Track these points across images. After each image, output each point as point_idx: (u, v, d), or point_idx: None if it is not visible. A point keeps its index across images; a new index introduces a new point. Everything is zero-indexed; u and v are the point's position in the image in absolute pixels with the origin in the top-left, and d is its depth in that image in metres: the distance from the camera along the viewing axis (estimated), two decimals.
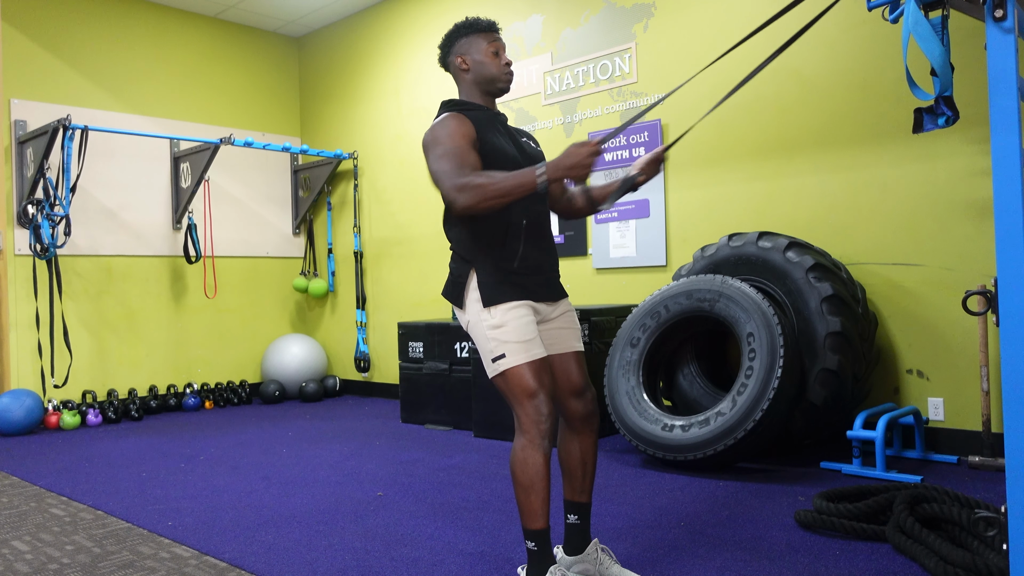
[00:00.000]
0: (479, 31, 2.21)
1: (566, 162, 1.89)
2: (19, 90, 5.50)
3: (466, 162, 1.99)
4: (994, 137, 1.68)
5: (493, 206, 1.93)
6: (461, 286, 2.13)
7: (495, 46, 2.21)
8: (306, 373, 6.43)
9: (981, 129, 3.45)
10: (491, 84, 2.20)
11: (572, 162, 1.89)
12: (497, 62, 2.20)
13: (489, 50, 2.20)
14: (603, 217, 4.90)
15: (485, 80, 2.20)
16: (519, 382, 2.03)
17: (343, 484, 3.51)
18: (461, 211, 1.95)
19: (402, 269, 6.25)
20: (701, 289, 3.62)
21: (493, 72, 2.19)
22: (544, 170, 1.89)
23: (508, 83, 2.23)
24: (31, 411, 5.04)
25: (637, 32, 4.75)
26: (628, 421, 3.65)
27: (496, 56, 2.20)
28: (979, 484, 3.12)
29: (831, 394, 3.42)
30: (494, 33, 2.23)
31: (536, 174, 1.89)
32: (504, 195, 1.91)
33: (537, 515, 2.02)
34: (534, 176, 1.89)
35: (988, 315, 3.27)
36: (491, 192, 1.90)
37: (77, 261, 5.69)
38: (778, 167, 4.19)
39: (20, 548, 2.74)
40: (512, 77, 2.24)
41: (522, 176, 1.90)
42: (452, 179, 1.95)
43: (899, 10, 2.02)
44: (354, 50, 6.63)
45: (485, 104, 2.22)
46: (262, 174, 6.80)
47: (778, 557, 2.41)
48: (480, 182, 1.91)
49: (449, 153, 2.00)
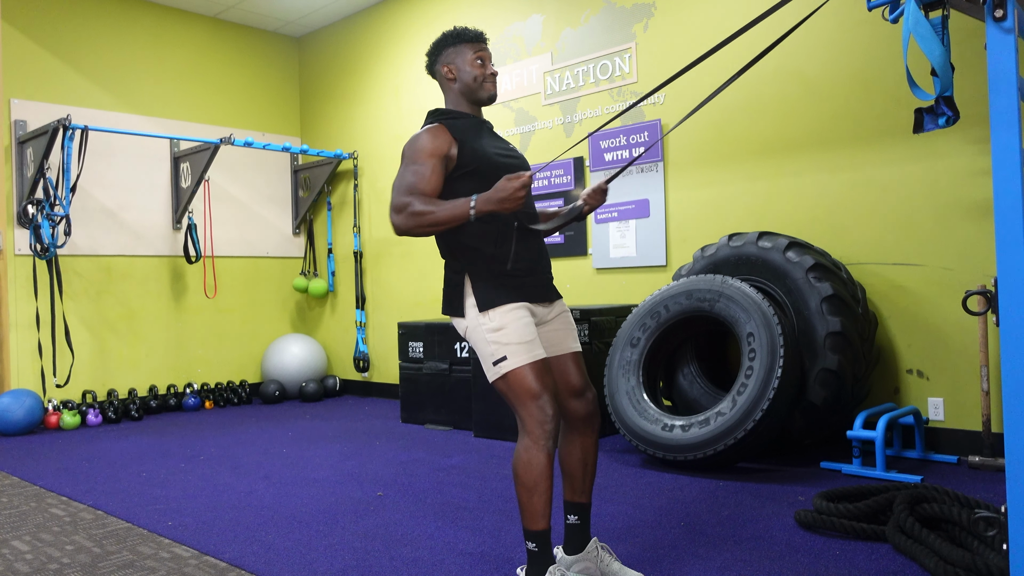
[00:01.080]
0: (466, 41, 2.25)
1: (496, 196, 1.96)
2: (19, 90, 5.51)
3: (421, 186, 2.05)
4: (994, 137, 1.68)
5: (426, 232, 2.03)
6: (458, 294, 2.14)
7: (481, 56, 2.24)
8: (306, 373, 6.43)
9: (981, 129, 3.45)
10: (476, 94, 2.24)
11: (501, 196, 1.96)
12: (483, 72, 2.24)
13: (475, 60, 2.23)
14: (603, 217, 4.90)
15: (470, 90, 2.24)
16: (522, 384, 2.03)
17: (343, 484, 3.51)
18: (397, 230, 2.04)
19: (402, 269, 6.25)
20: (701, 289, 3.62)
21: (479, 82, 2.23)
22: (475, 203, 1.98)
23: (493, 93, 2.27)
24: (31, 411, 5.04)
25: (637, 32, 4.75)
26: (628, 421, 3.65)
27: (482, 66, 2.24)
28: (979, 484, 3.12)
29: (831, 394, 3.42)
30: (481, 43, 2.27)
31: (469, 206, 1.97)
32: (437, 224, 2.01)
33: (539, 516, 2.02)
34: (467, 208, 1.98)
35: (988, 315, 3.27)
36: (426, 220, 2.01)
37: (77, 261, 5.69)
38: (778, 167, 4.19)
39: (20, 548, 2.74)
40: (496, 87, 2.29)
41: (455, 208, 1.99)
42: (396, 198, 2.05)
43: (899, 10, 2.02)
44: (354, 50, 6.63)
45: (471, 112, 2.26)
46: (262, 174, 6.80)
47: (778, 557, 2.41)
48: (418, 209, 2.01)
49: (409, 172, 2.08)
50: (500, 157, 2.20)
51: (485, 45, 2.27)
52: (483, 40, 2.27)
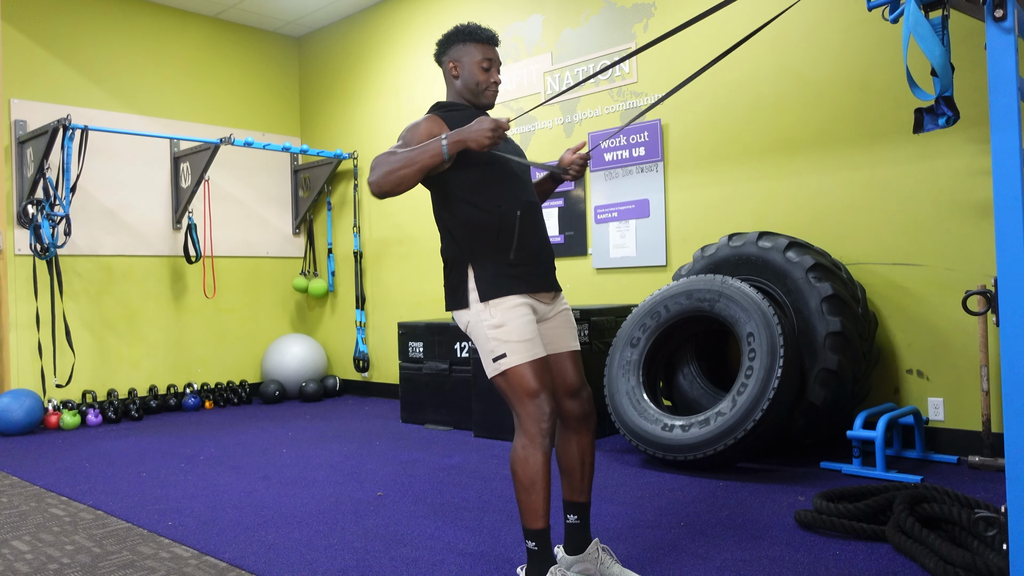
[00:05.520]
0: (477, 41, 2.24)
1: (466, 131, 2.01)
2: (19, 90, 5.50)
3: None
4: (994, 137, 1.68)
5: (402, 180, 2.02)
6: (461, 286, 2.13)
7: (489, 62, 2.24)
8: (306, 373, 6.43)
9: (981, 129, 3.45)
10: (475, 98, 2.26)
11: (470, 135, 2.00)
12: (486, 78, 2.23)
13: (482, 64, 2.23)
14: (603, 217, 4.90)
15: (470, 92, 2.25)
16: (520, 382, 2.03)
17: (343, 484, 3.51)
18: (374, 188, 2.04)
19: (402, 269, 6.25)
20: (701, 289, 3.62)
21: (480, 88, 2.24)
22: (446, 138, 2.01)
23: (492, 100, 2.28)
24: (31, 411, 5.04)
25: (637, 32, 4.75)
26: (628, 421, 3.65)
27: (487, 72, 2.23)
28: (979, 484, 3.12)
29: (831, 394, 3.42)
30: (491, 47, 2.25)
31: (440, 141, 2.01)
32: (410, 165, 2.02)
33: (538, 514, 2.02)
34: (439, 145, 2.01)
35: (988, 315, 3.27)
36: (396, 163, 2.02)
37: (77, 261, 5.69)
38: (778, 167, 4.19)
39: (20, 548, 2.74)
40: (497, 95, 2.30)
41: (425, 147, 2.02)
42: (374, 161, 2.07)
43: (899, 10, 2.02)
44: (354, 50, 6.63)
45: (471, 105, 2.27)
46: (262, 174, 6.80)
47: (778, 557, 2.41)
48: (387, 159, 2.03)
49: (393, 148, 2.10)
50: (495, 149, 2.20)
51: (495, 48, 2.27)
52: (495, 42, 2.26)
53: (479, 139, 1.99)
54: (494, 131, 1.99)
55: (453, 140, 2.01)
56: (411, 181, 2.03)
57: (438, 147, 2.01)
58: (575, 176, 2.35)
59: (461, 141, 2.00)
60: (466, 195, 2.14)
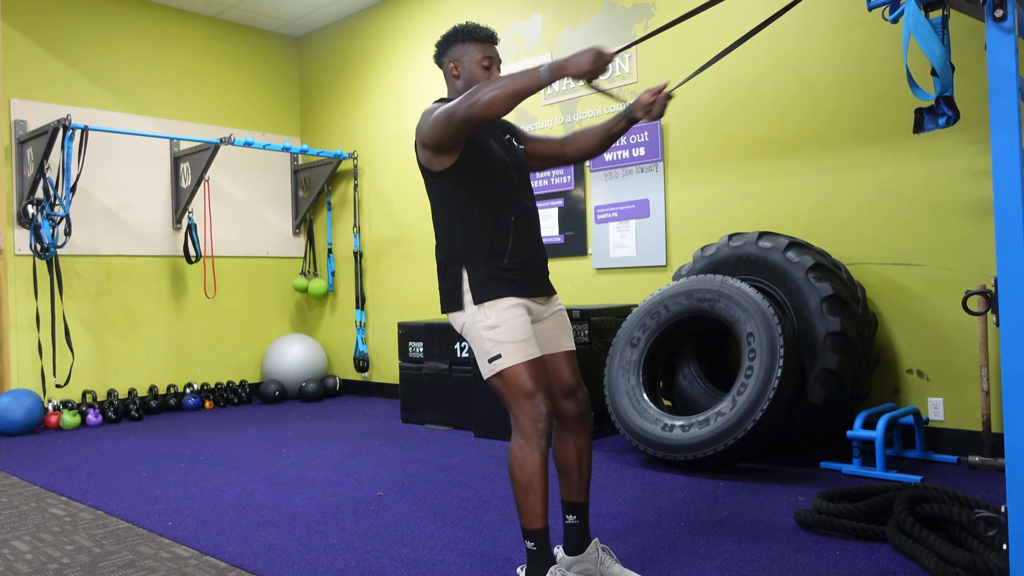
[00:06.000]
0: (476, 40, 2.22)
1: (568, 61, 1.90)
2: (19, 90, 5.50)
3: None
4: (994, 137, 1.68)
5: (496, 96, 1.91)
6: (456, 289, 2.13)
7: (489, 60, 2.21)
8: (306, 373, 6.43)
9: (981, 129, 3.45)
10: None
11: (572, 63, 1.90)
12: (487, 76, 2.21)
13: (482, 62, 2.21)
14: (603, 217, 4.90)
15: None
16: (516, 382, 2.03)
17: (343, 484, 3.51)
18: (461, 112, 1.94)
19: (402, 269, 6.25)
20: (701, 289, 3.62)
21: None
22: (547, 69, 1.91)
23: None
24: (31, 411, 5.04)
25: (637, 32, 4.75)
26: (628, 421, 3.65)
27: (487, 70, 2.21)
28: (979, 484, 3.12)
29: (831, 394, 3.42)
30: (491, 45, 2.23)
31: (539, 70, 1.90)
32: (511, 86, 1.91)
33: (536, 515, 2.02)
34: (538, 72, 1.90)
35: (988, 315, 3.27)
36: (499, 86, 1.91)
37: (77, 261, 5.69)
38: (778, 167, 4.19)
39: (20, 548, 2.74)
40: None
41: (524, 73, 1.92)
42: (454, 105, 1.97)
43: (899, 10, 2.02)
44: (354, 50, 6.63)
45: None
46: (262, 174, 6.80)
47: (778, 557, 2.41)
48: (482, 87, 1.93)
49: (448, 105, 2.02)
50: (496, 145, 2.19)
51: (495, 46, 2.25)
52: (494, 41, 2.25)
53: (581, 67, 1.89)
54: (594, 62, 1.90)
55: (555, 67, 1.90)
56: (503, 104, 1.92)
57: (535, 73, 1.90)
58: (655, 117, 2.27)
59: (562, 67, 1.90)
60: (463, 198, 2.13)
